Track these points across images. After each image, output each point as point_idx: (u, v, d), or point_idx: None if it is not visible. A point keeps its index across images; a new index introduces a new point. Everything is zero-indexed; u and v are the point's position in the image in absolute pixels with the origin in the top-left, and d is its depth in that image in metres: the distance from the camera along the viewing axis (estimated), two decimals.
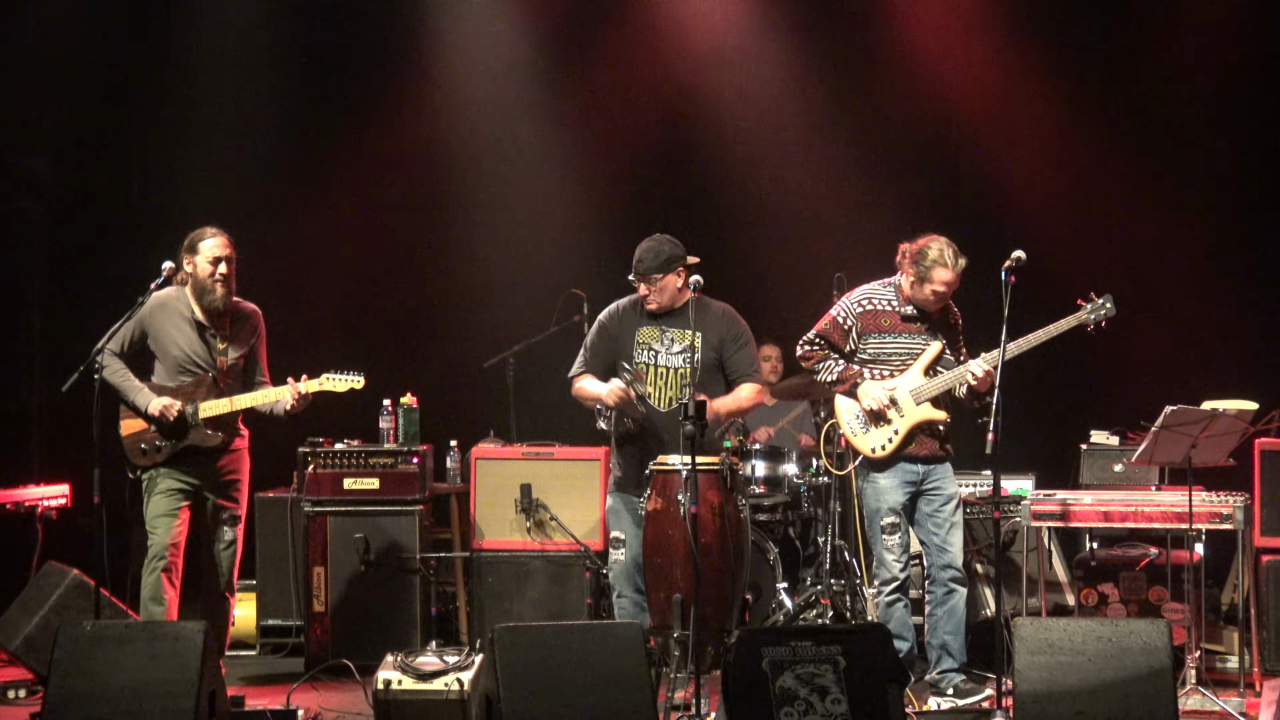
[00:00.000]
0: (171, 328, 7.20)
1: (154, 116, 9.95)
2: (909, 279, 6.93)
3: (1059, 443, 8.76)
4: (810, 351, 7.11)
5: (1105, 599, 7.66)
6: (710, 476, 6.71)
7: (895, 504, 6.95)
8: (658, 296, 7.05)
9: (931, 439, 6.96)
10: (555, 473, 8.09)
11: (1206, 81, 9.38)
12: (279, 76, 10.03)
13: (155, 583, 7.11)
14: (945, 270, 6.84)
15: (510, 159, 10.23)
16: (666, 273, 7.02)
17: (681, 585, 6.59)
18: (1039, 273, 6.90)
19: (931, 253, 6.85)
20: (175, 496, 7.17)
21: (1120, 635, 5.87)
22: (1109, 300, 6.77)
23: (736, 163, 10.00)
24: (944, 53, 9.69)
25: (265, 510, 8.53)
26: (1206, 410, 6.89)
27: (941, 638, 6.94)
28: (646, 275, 7.03)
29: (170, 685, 5.82)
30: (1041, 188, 9.60)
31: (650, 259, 7.03)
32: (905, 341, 6.99)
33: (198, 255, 7.17)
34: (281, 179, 10.04)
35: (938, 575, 6.96)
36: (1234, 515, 7.01)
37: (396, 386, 8.40)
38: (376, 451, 8.20)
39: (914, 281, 6.90)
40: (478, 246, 10.21)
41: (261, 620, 8.61)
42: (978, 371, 6.79)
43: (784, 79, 9.91)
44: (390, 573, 8.08)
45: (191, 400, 7.13)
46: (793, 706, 5.65)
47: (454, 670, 6.35)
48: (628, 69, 10.03)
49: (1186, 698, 6.73)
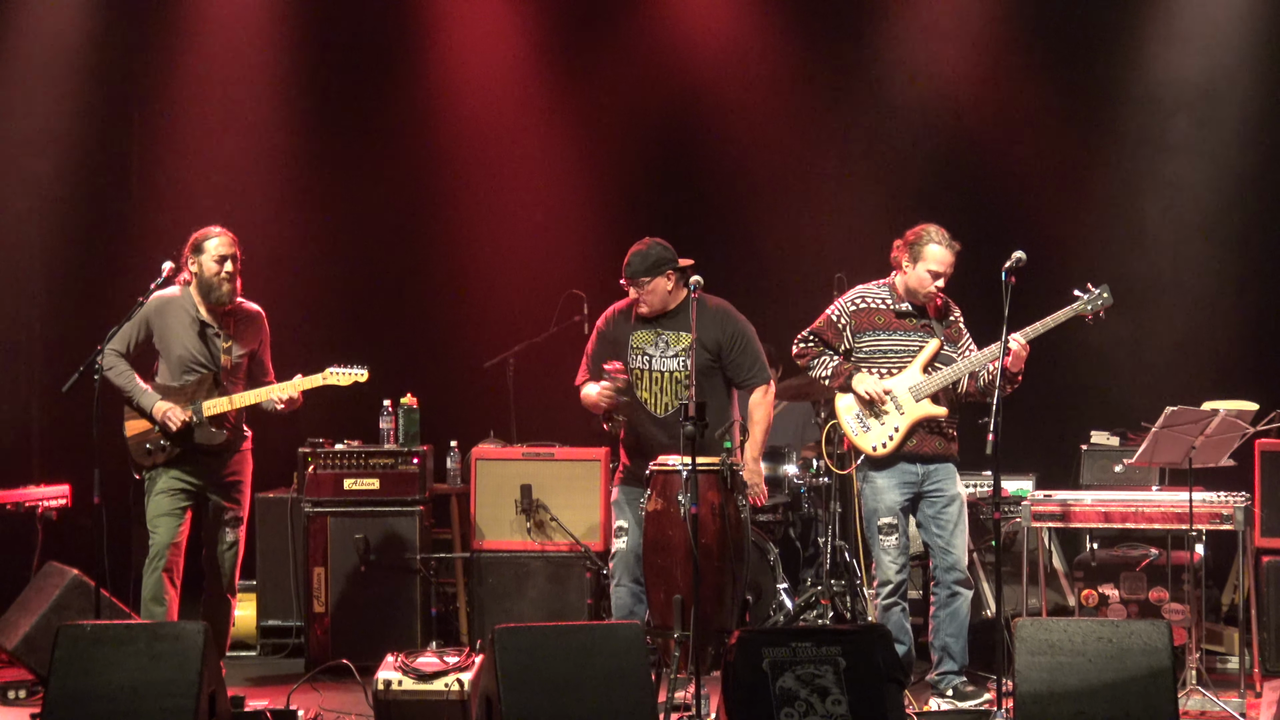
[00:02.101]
0: (177, 326, 7.20)
1: (154, 116, 9.95)
2: (905, 265, 6.92)
3: (1059, 443, 8.77)
4: (804, 349, 7.13)
5: (1106, 599, 7.66)
6: (710, 477, 6.70)
7: (893, 504, 6.94)
8: (648, 299, 7.05)
9: (933, 436, 6.95)
10: (555, 473, 8.09)
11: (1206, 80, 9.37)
12: (279, 76, 10.02)
13: (156, 583, 7.11)
14: (939, 248, 6.84)
15: (511, 159, 10.23)
16: (654, 276, 7.01)
17: (682, 586, 6.58)
18: (1039, 273, 6.90)
19: (925, 234, 6.88)
20: (177, 496, 7.18)
21: (1121, 636, 5.87)
22: (1106, 290, 6.74)
23: (737, 163, 9.99)
24: (945, 52, 9.69)
25: (265, 511, 8.53)
26: (1207, 411, 6.89)
27: (943, 640, 6.93)
28: (634, 279, 7.03)
29: (170, 686, 5.82)
30: (1042, 187, 9.59)
31: (638, 263, 7.03)
32: (901, 339, 6.99)
33: (203, 254, 7.18)
34: (281, 179, 10.03)
35: (942, 578, 6.95)
36: (1234, 516, 7.02)
37: (397, 387, 8.41)
38: (377, 452, 8.20)
39: (909, 265, 6.90)
40: (478, 247, 10.20)
41: (262, 621, 8.61)
42: (1012, 344, 6.63)
43: (784, 79, 9.91)
44: (390, 573, 8.08)
45: (194, 400, 7.14)
46: (793, 707, 5.65)
47: (454, 671, 6.35)
48: (628, 69, 10.02)
49: (1187, 698, 6.74)
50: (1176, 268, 9.43)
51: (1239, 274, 9.36)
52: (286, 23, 9.97)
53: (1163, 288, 9.34)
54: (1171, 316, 9.33)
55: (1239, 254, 9.35)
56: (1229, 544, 7.51)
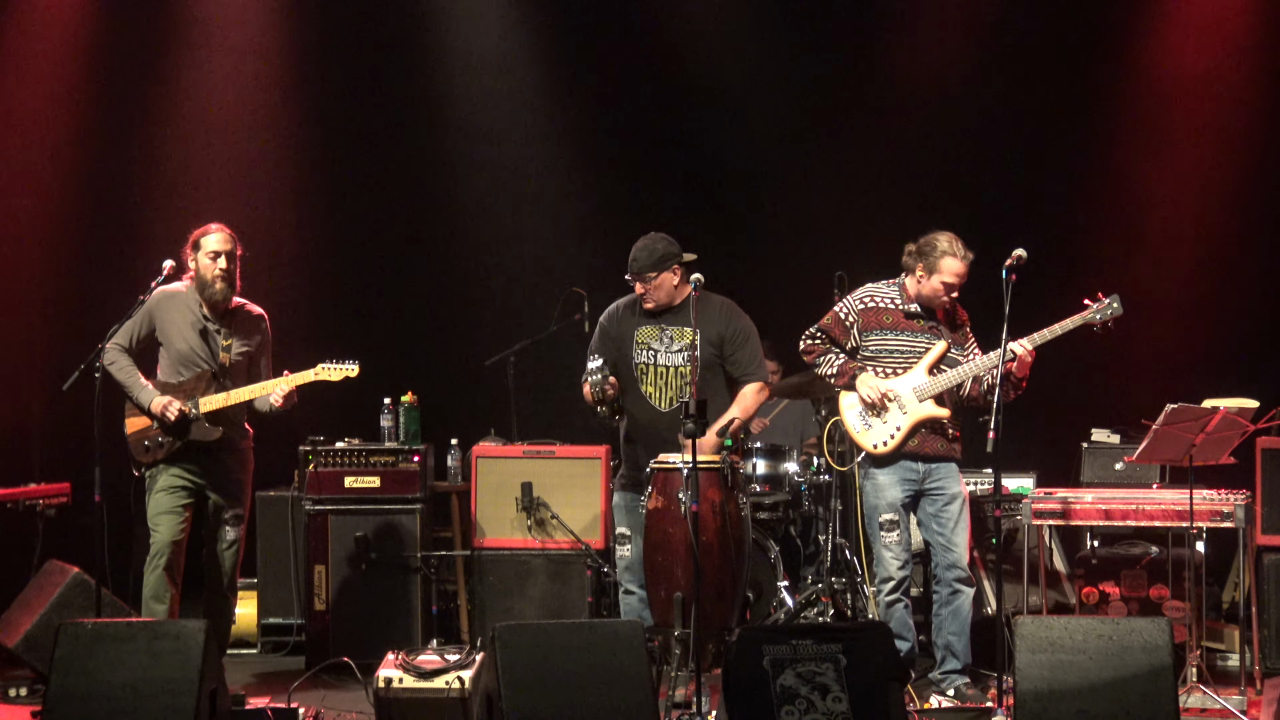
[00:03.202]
0: (178, 321, 7.21)
1: (155, 116, 9.93)
2: (918, 273, 6.92)
3: (1060, 441, 8.76)
4: (811, 345, 7.13)
5: (1106, 597, 7.66)
6: (711, 475, 6.70)
7: (894, 501, 6.94)
8: (654, 294, 7.05)
9: (936, 437, 6.95)
10: (556, 471, 8.09)
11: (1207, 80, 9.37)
12: (280, 74, 10.01)
13: (157, 580, 7.11)
14: (954, 260, 6.83)
15: (511, 157, 10.22)
16: (660, 271, 7.02)
17: (682, 583, 6.59)
18: (1039, 272, 6.90)
19: (940, 244, 6.85)
20: (178, 494, 7.18)
21: (1121, 633, 5.87)
22: (1116, 300, 6.76)
23: (737, 161, 9.98)
24: (947, 51, 9.69)
25: (266, 509, 8.54)
26: (1207, 408, 6.89)
27: (946, 638, 6.93)
28: (641, 274, 7.03)
29: (171, 684, 5.82)
30: (1042, 186, 9.59)
31: (645, 257, 7.03)
32: (908, 339, 6.99)
33: (200, 251, 7.20)
34: (282, 177, 10.03)
35: (943, 575, 6.95)
36: (1235, 513, 7.02)
37: (397, 385, 8.41)
38: (377, 450, 8.20)
39: (923, 275, 6.90)
40: (479, 245, 10.20)
41: (262, 619, 8.62)
42: (1018, 350, 6.66)
43: (786, 78, 9.90)
44: (391, 571, 8.09)
45: (192, 396, 7.15)
46: (793, 705, 5.65)
47: (455, 669, 6.34)
48: (629, 67, 10.02)
49: (1187, 695, 6.73)
50: (1177, 265, 9.42)
51: (1240, 271, 9.35)
52: (287, 20, 9.96)
53: (1164, 285, 9.32)
54: (1172, 314, 9.32)
55: (1240, 251, 9.34)
56: (1229, 541, 7.51)
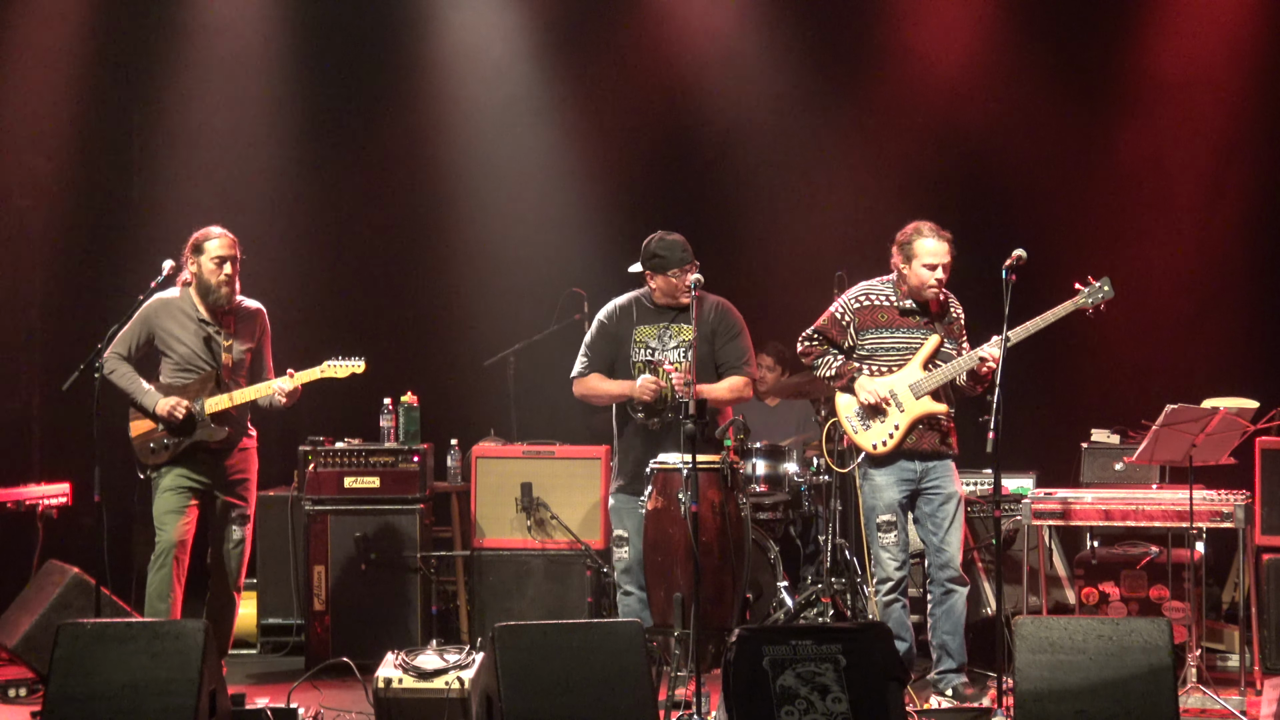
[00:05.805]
0: (176, 327, 7.22)
1: (155, 116, 9.94)
2: (902, 267, 6.93)
3: (1060, 441, 8.75)
4: (809, 347, 7.13)
5: (1106, 597, 7.66)
6: (711, 475, 6.71)
7: (891, 502, 6.94)
8: (680, 287, 7.06)
9: (933, 433, 6.94)
10: (556, 471, 8.10)
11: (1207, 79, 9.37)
12: (280, 74, 10.01)
13: (162, 580, 7.12)
14: (929, 239, 6.83)
15: (511, 157, 10.21)
16: (686, 264, 7.05)
17: (682, 584, 6.59)
18: (1040, 272, 6.90)
19: (914, 231, 6.88)
20: (183, 494, 7.19)
21: (1121, 634, 5.87)
22: (1107, 283, 6.75)
23: (737, 161, 9.98)
24: (946, 50, 9.68)
25: (266, 509, 8.52)
26: (1207, 409, 6.89)
27: (940, 638, 6.94)
28: (683, 264, 7.05)
29: (171, 684, 5.82)
30: (1042, 186, 9.59)
31: (678, 250, 7.08)
32: (903, 336, 6.99)
33: (202, 255, 7.20)
34: (281, 178, 10.03)
35: (936, 575, 6.95)
36: (1235, 514, 7.02)
37: (397, 385, 8.41)
38: (377, 450, 8.20)
39: (905, 266, 6.90)
40: (478, 245, 10.19)
41: (262, 619, 8.62)
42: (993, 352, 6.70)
43: (785, 77, 9.89)
44: (391, 571, 8.09)
45: (197, 398, 7.15)
46: (793, 705, 5.65)
47: (455, 669, 6.35)
48: (628, 67, 10.02)
49: (1187, 696, 6.73)
50: (1177, 265, 9.41)
51: (1240, 271, 9.35)
52: (287, 21, 9.96)
53: (1163, 285, 9.32)
54: (1172, 314, 9.32)
55: (1240, 251, 9.34)
56: (1229, 542, 7.51)
